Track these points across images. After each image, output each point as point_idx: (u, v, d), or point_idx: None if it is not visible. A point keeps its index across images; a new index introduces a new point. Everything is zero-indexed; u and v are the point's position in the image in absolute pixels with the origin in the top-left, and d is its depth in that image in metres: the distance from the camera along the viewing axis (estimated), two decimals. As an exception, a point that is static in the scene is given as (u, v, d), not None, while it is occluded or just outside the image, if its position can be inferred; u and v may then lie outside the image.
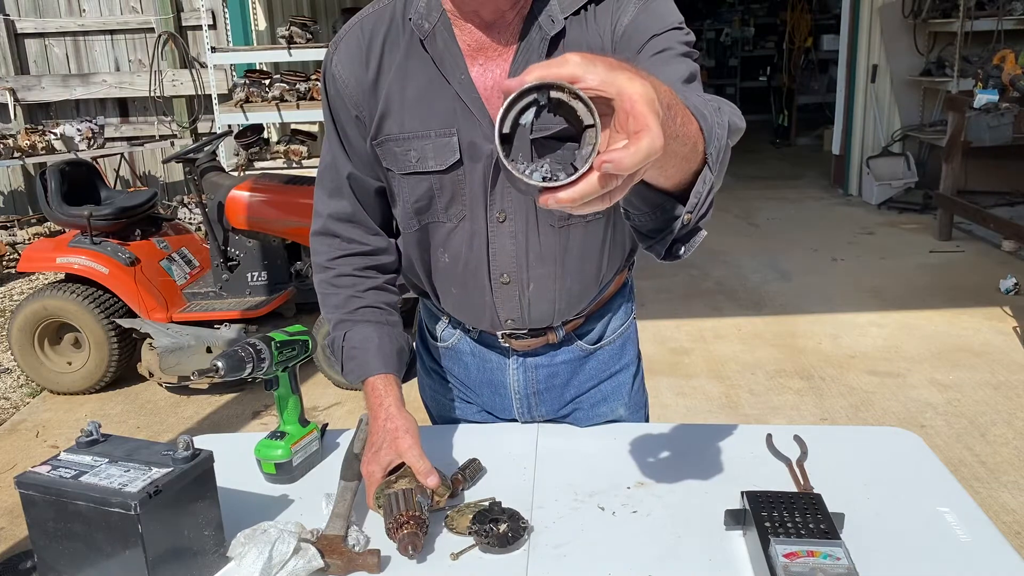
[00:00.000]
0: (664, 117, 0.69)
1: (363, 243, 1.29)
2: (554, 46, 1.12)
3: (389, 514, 1.07)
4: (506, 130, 0.68)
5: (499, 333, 1.32)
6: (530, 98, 0.67)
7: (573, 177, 0.66)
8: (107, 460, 1.00)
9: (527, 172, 0.68)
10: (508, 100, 0.67)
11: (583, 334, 1.37)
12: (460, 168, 1.17)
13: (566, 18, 1.12)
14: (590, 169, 0.66)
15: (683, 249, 0.90)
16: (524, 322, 1.29)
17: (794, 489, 1.18)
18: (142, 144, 6.39)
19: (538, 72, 0.67)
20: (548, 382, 1.38)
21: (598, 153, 0.65)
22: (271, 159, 5.32)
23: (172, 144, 6.35)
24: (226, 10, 6.17)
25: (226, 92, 6.08)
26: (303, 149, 5.27)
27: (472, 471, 1.23)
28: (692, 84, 1.04)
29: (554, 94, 0.66)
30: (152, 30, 6.59)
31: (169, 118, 6.69)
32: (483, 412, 1.45)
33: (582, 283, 1.28)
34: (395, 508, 1.06)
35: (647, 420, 1.50)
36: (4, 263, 5.73)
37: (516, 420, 1.43)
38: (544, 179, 0.68)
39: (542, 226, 1.20)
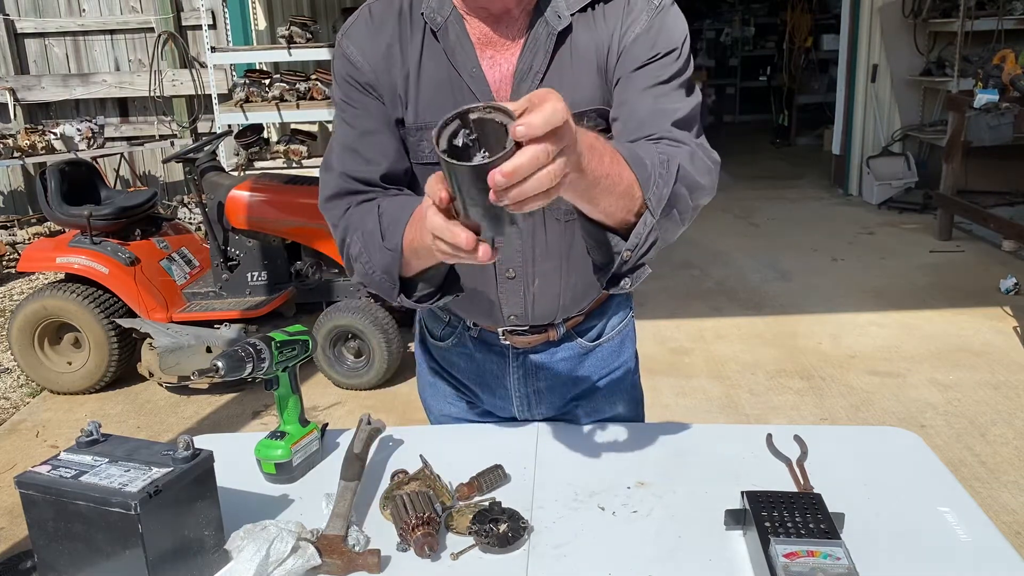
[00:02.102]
0: (585, 153, 0.86)
1: (383, 188, 1.20)
2: (561, 41, 1.13)
3: (404, 515, 1.07)
4: (443, 147, 0.77)
5: (500, 330, 1.33)
6: (453, 125, 0.77)
7: (502, 153, 0.74)
8: (107, 460, 1.01)
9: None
10: (436, 129, 0.77)
11: (583, 331, 1.37)
12: None
13: (572, 15, 1.13)
14: (517, 145, 0.74)
15: (628, 282, 1.03)
16: (527, 318, 1.29)
17: (794, 489, 1.18)
18: (142, 144, 6.39)
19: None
20: (548, 380, 1.38)
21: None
22: (271, 159, 5.32)
23: (172, 144, 6.34)
24: (226, 10, 6.17)
25: (226, 92, 6.08)
26: (303, 149, 5.27)
27: (493, 479, 1.22)
28: (686, 118, 1.10)
29: (473, 115, 0.76)
30: (152, 30, 6.59)
31: (169, 118, 6.68)
32: (483, 411, 1.45)
33: (586, 279, 1.28)
34: (408, 510, 1.07)
35: (643, 418, 1.51)
36: (4, 263, 5.73)
37: (516, 418, 1.43)
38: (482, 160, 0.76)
39: (549, 221, 1.20)
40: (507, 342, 1.34)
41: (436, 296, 1.12)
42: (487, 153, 0.76)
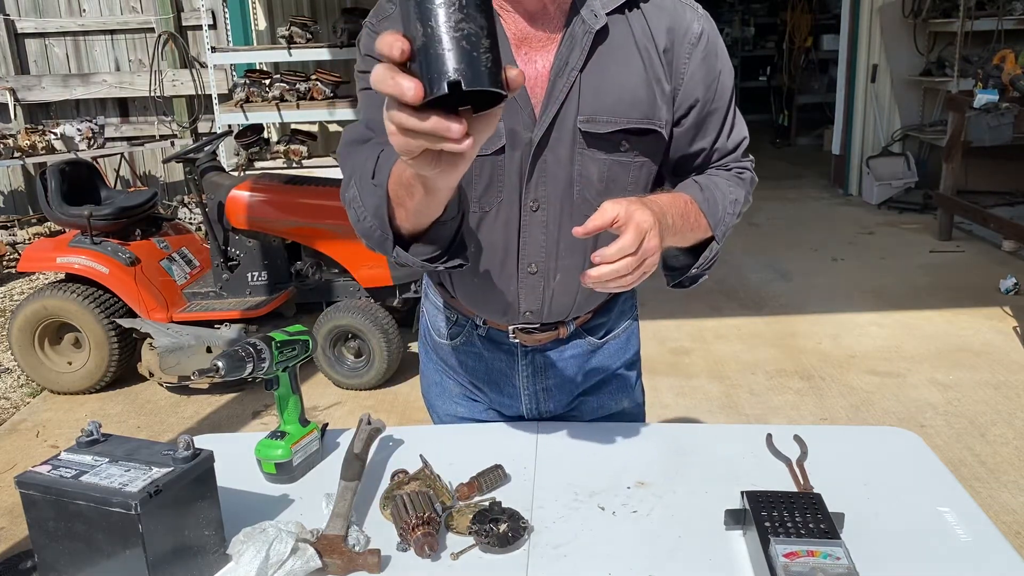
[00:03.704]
0: (671, 226, 1.10)
1: None
2: (599, 41, 1.14)
3: (404, 515, 1.07)
4: None
5: (510, 328, 1.32)
6: None
7: None
8: (107, 460, 1.01)
9: None
10: None
11: (591, 328, 1.38)
12: (503, 154, 1.17)
13: (609, 14, 1.13)
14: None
15: (691, 283, 1.30)
16: (542, 315, 1.29)
17: (794, 489, 1.18)
18: (142, 144, 6.38)
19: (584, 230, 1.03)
20: (556, 377, 1.39)
21: None
22: (271, 159, 5.32)
23: (172, 144, 6.34)
24: (226, 10, 6.17)
25: (226, 92, 6.08)
26: (303, 149, 5.27)
27: (493, 479, 1.22)
28: (741, 148, 1.34)
29: None
30: (152, 30, 6.59)
31: (169, 118, 6.68)
32: (490, 410, 1.45)
33: None
34: (408, 510, 1.07)
35: (644, 417, 1.52)
36: (4, 263, 5.73)
37: (524, 417, 1.43)
38: None
39: (576, 216, 1.20)
40: (516, 340, 1.34)
41: (440, 258, 1.06)
42: None
